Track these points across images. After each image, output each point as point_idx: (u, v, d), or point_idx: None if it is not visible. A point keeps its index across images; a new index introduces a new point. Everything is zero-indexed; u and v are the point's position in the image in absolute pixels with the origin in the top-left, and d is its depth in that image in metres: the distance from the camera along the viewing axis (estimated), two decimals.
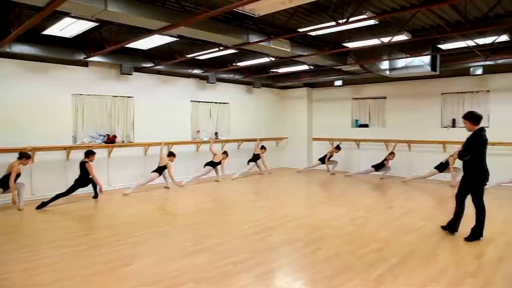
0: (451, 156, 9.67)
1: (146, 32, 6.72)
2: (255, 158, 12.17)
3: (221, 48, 8.08)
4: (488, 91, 10.37)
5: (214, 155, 10.85)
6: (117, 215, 6.97)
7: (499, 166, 10.01)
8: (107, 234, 5.74)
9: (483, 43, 7.78)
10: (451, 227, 5.60)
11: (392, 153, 11.27)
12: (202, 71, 10.93)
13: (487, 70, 9.74)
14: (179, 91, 11.27)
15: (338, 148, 12.37)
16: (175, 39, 7.37)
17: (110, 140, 9.64)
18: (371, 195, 9.17)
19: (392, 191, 9.63)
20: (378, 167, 11.34)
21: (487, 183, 5.28)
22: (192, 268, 4.36)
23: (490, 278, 4.03)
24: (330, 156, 12.45)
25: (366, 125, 12.88)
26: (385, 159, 11.30)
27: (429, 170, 10.18)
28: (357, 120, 13.14)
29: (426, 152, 11.20)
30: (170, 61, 9.23)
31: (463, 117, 5.38)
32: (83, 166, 8.00)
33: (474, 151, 5.19)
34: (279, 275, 4.30)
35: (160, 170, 9.46)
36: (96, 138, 9.45)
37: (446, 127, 11.02)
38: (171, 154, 9.72)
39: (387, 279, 4.01)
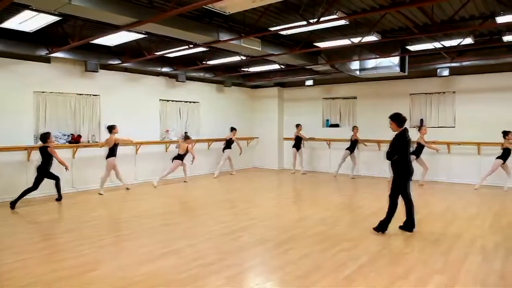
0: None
1: (112, 28, 6.56)
2: (228, 144, 12.13)
3: (191, 46, 8.01)
4: (454, 92, 10.78)
5: (180, 149, 10.57)
6: (81, 218, 6.77)
7: (465, 164, 10.47)
8: (71, 238, 5.57)
9: (449, 45, 8.08)
10: (383, 226, 5.68)
11: (355, 127, 11.58)
12: (172, 69, 10.81)
13: (454, 71, 10.15)
14: (148, 89, 11.09)
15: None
16: (143, 36, 7.24)
17: (75, 140, 9.37)
18: (342, 194, 9.33)
19: (363, 190, 9.85)
20: (351, 148, 11.57)
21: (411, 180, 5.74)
22: (161, 272, 4.30)
23: (456, 275, 4.18)
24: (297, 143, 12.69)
25: (337, 125, 13.10)
26: (352, 137, 11.58)
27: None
28: (327, 120, 13.34)
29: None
30: (138, 58, 9.07)
31: (389, 118, 5.71)
32: (44, 151, 7.70)
33: (401, 151, 5.55)
34: (250, 276, 4.32)
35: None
36: (60, 138, 9.16)
37: (414, 127, 11.35)
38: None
39: (357, 278, 4.10)
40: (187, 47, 8.15)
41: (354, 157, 11.61)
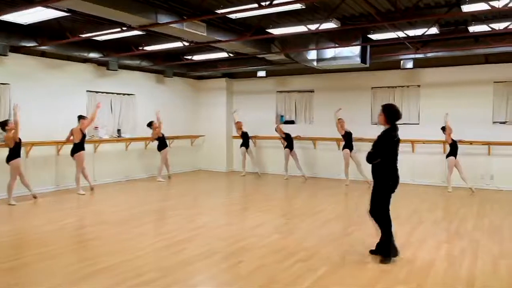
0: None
1: (25, 3, 6.23)
2: (163, 144, 12.04)
3: (124, 28, 7.81)
4: (419, 86, 11.33)
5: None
6: None
7: (430, 164, 11.03)
8: None
9: (413, 34, 8.47)
10: (387, 250, 5.12)
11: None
12: (101, 55, 10.45)
13: (418, 64, 10.64)
14: (72, 78, 10.65)
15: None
16: (65, 13, 6.93)
17: None
18: (298, 198, 9.51)
19: (321, 193, 10.09)
20: (290, 146, 12.04)
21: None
22: None
23: (421, 283, 4.40)
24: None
25: (292, 121, 13.33)
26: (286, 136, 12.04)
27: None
28: (282, 116, 13.54)
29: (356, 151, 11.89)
30: (59, 40, 8.70)
31: (381, 107, 5.30)
32: None
33: (386, 153, 5.11)
34: None
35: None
36: None
37: (376, 124, 11.80)
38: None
39: None
40: (119, 29, 7.93)
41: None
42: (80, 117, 9.54)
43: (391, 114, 5.17)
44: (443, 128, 9.82)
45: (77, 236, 6.35)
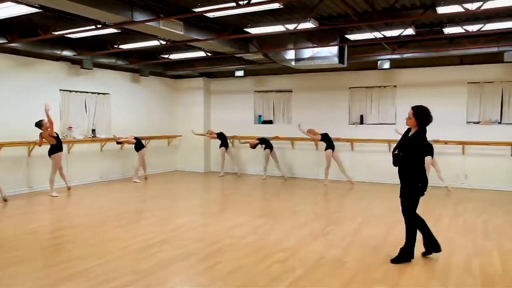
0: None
1: None
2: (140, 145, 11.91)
3: (98, 26, 7.69)
4: (395, 86, 11.49)
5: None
6: None
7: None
8: None
9: (390, 35, 8.59)
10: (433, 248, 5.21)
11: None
12: (75, 54, 10.26)
13: (394, 64, 10.80)
14: (44, 77, 10.42)
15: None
16: (36, 10, 6.77)
17: None
18: (277, 199, 9.53)
19: (299, 194, 10.14)
20: (269, 146, 12.07)
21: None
22: None
23: (397, 282, 4.46)
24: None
25: (270, 121, 13.35)
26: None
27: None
28: (260, 116, 13.55)
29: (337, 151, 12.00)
30: (30, 38, 8.49)
31: (412, 110, 5.13)
32: None
33: (416, 156, 5.06)
34: None
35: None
36: None
37: (354, 124, 11.94)
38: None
39: None
40: (94, 27, 7.80)
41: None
42: (37, 125, 9.09)
43: (423, 119, 5.05)
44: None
45: (50, 239, 6.21)
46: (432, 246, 5.18)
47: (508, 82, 10.32)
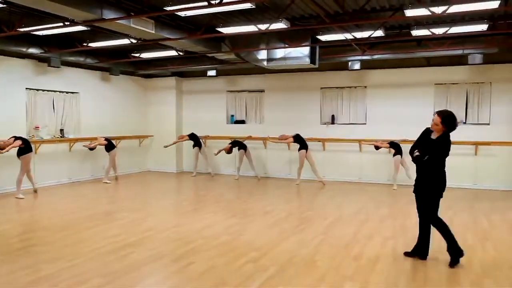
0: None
1: None
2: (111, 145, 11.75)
3: (66, 23, 7.54)
4: (365, 86, 11.68)
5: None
6: None
7: (376, 164, 11.40)
8: None
9: (360, 37, 8.73)
10: (457, 253, 5.09)
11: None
12: (42, 51, 10.01)
13: (365, 65, 11.01)
14: (10, 75, 10.12)
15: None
16: (1, 5, 6.58)
17: None
18: (249, 198, 9.54)
19: (271, 193, 10.20)
20: (243, 147, 12.14)
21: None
22: None
23: (368, 279, 4.55)
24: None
25: (242, 121, 13.36)
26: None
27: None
28: (232, 116, 13.54)
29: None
30: None
31: (438, 115, 5.04)
32: None
33: (440, 159, 5.06)
34: None
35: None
36: None
37: (325, 124, 12.07)
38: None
39: None
40: (61, 24, 7.64)
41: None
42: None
43: (451, 125, 4.98)
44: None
45: (16, 242, 6.03)
46: (455, 252, 5.04)
47: (473, 84, 10.66)
